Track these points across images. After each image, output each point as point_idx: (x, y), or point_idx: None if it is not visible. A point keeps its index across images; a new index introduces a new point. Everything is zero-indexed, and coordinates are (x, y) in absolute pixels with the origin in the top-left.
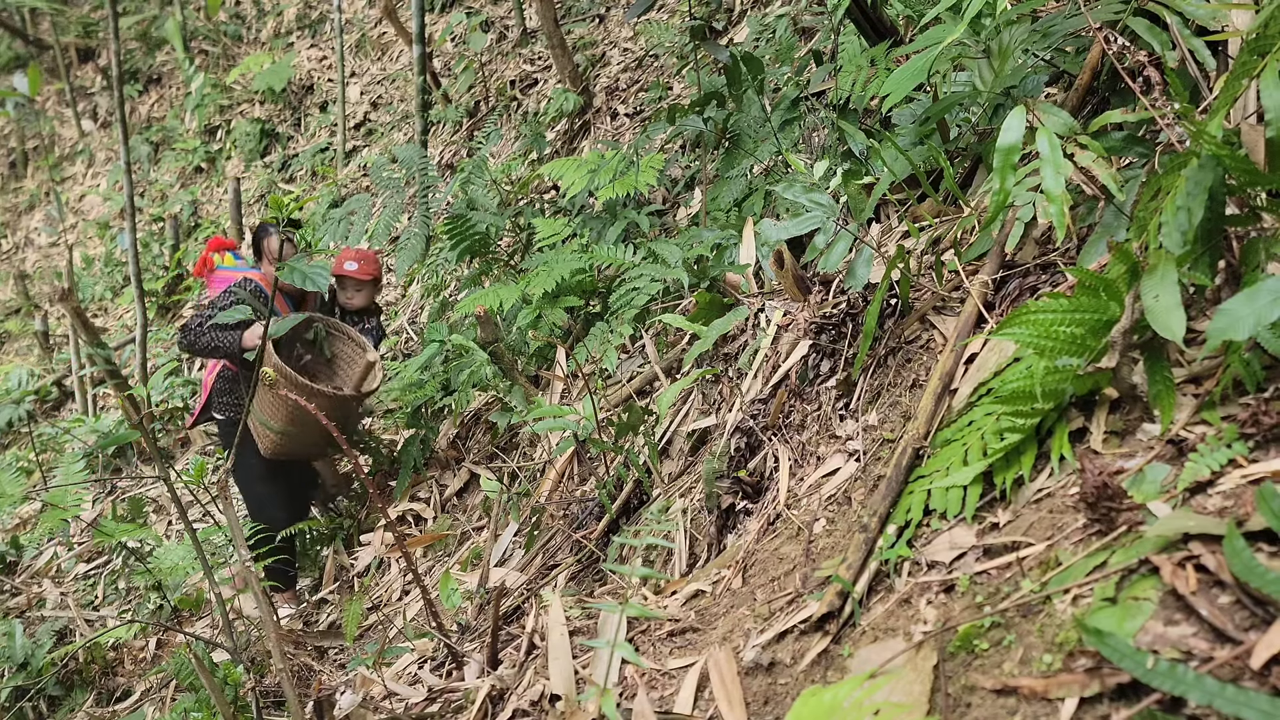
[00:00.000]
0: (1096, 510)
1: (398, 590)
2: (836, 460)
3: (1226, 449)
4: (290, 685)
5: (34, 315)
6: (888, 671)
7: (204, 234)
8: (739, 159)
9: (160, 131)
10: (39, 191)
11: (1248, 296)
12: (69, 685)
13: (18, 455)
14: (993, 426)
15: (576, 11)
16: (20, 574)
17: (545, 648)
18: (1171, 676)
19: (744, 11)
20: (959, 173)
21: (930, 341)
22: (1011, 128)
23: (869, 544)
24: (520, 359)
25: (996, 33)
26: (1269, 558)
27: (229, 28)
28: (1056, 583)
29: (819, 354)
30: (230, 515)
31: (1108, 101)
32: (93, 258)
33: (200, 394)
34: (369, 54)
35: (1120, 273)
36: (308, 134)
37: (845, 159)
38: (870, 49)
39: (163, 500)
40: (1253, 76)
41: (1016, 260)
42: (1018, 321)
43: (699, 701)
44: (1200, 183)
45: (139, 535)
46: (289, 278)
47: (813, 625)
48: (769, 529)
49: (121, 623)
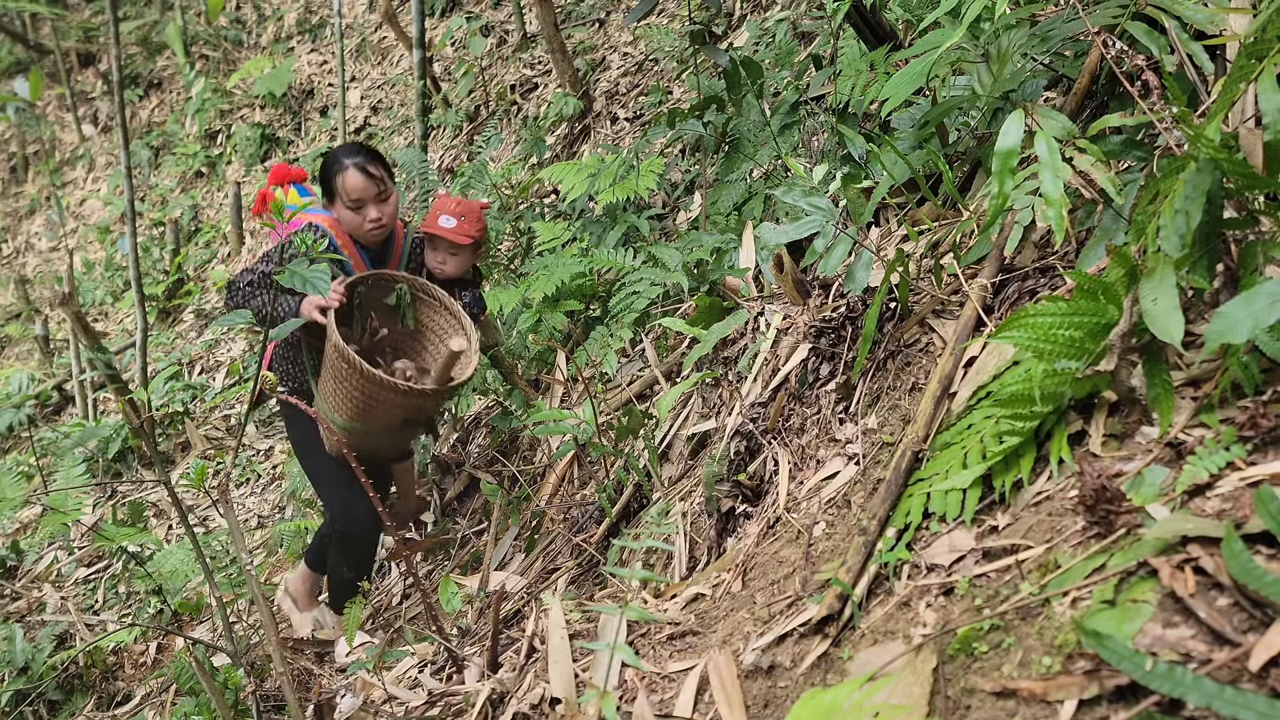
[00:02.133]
0: (1095, 513)
1: (398, 594)
2: (836, 463)
3: (1225, 452)
4: (290, 689)
5: (34, 320)
6: (887, 674)
7: (204, 238)
8: (739, 163)
9: (161, 136)
10: (39, 196)
11: (1245, 299)
12: (69, 690)
13: (18, 460)
14: (992, 429)
15: (576, 16)
16: (20, 578)
17: (545, 651)
18: (1170, 678)
19: (744, 16)
20: (958, 176)
21: (929, 345)
22: (1010, 131)
23: (868, 547)
24: (520, 363)
25: (995, 37)
26: (1267, 560)
27: (229, 32)
28: (1055, 585)
29: (818, 357)
30: (231, 519)
31: (1106, 105)
32: (93, 262)
33: (261, 365)
34: (369, 58)
35: (1119, 276)
36: (308, 138)
37: (844, 163)
38: (870, 53)
39: (163, 504)
40: (1250, 80)
41: (1015, 264)
42: (1017, 325)
43: (699, 704)
44: (1198, 186)
45: (139, 539)
46: (289, 281)
47: (812, 628)
48: (769, 532)
49: (122, 627)
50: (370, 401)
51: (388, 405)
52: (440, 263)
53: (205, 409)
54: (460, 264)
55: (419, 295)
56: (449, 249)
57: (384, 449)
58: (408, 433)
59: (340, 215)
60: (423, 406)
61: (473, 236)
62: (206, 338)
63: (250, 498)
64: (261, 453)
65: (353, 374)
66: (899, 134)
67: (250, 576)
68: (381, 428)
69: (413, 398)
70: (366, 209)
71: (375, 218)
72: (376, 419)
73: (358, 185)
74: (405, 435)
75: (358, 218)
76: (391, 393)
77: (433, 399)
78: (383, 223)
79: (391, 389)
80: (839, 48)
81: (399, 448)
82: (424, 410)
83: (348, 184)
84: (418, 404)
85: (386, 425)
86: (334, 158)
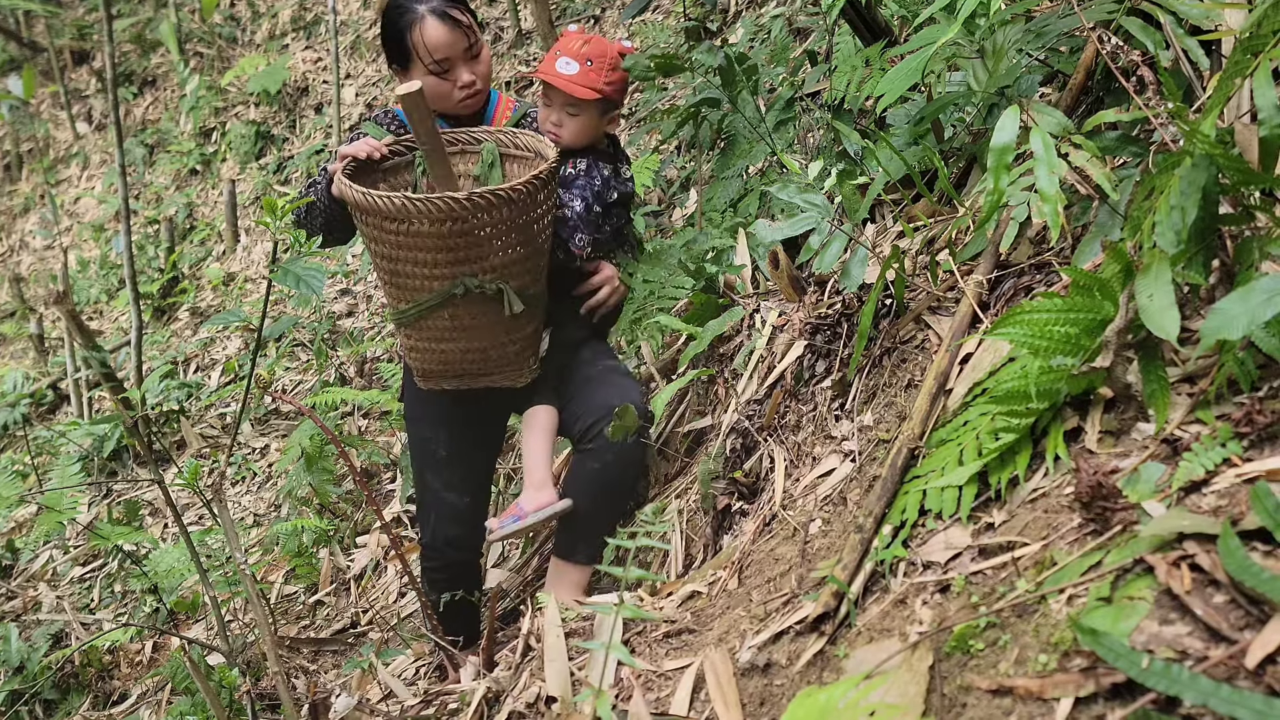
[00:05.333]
0: (1091, 510)
1: (394, 593)
2: (832, 461)
3: (1221, 448)
4: (285, 688)
5: (29, 318)
6: (883, 672)
7: (199, 236)
8: (734, 160)
9: (155, 134)
10: (34, 194)
11: (1241, 296)
12: (65, 689)
13: (13, 459)
14: (988, 426)
15: (572, 12)
16: (16, 577)
17: (541, 650)
18: (1166, 676)
19: (739, 12)
20: (954, 173)
21: (925, 342)
22: (1005, 128)
23: (864, 545)
24: None
25: (991, 33)
26: (1263, 557)
27: (224, 30)
28: (1052, 583)
29: (814, 354)
30: (225, 518)
31: (1102, 101)
32: (88, 260)
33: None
34: (364, 55)
35: (1115, 272)
36: (303, 136)
37: (840, 159)
38: (865, 49)
39: (159, 503)
40: (1246, 76)
41: (1011, 260)
42: (1012, 321)
43: (695, 703)
44: (1194, 182)
45: (135, 538)
46: (281, 280)
47: (808, 626)
48: (765, 530)
49: (117, 626)
50: (397, 253)
51: (421, 257)
52: (555, 124)
53: (200, 407)
54: (581, 129)
55: (509, 149)
56: (566, 104)
57: (479, 370)
58: (492, 330)
59: (427, 84)
60: (475, 253)
61: (600, 91)
62: (201, 336)
63: (246, 496)
64: (257, 451)
65: (365, 218)
66: (894, 130)
67: (245, 576)
68: (448, 322)
69: (445, 225)
70: (456, 70)
71: (468, 81)
72: (413, 285)
73: (441, 39)
74: (491, 335)
75: (445, 84)
76: (416, 219)
77: (488, 224)
78: (477, 87)
79: (413, 214)
80: (834, 44)
81: (498, 364)
82: (483, 262)
83: (427, 38)
84: (459, 241)
85: (447, 310)
86: (402, 8)
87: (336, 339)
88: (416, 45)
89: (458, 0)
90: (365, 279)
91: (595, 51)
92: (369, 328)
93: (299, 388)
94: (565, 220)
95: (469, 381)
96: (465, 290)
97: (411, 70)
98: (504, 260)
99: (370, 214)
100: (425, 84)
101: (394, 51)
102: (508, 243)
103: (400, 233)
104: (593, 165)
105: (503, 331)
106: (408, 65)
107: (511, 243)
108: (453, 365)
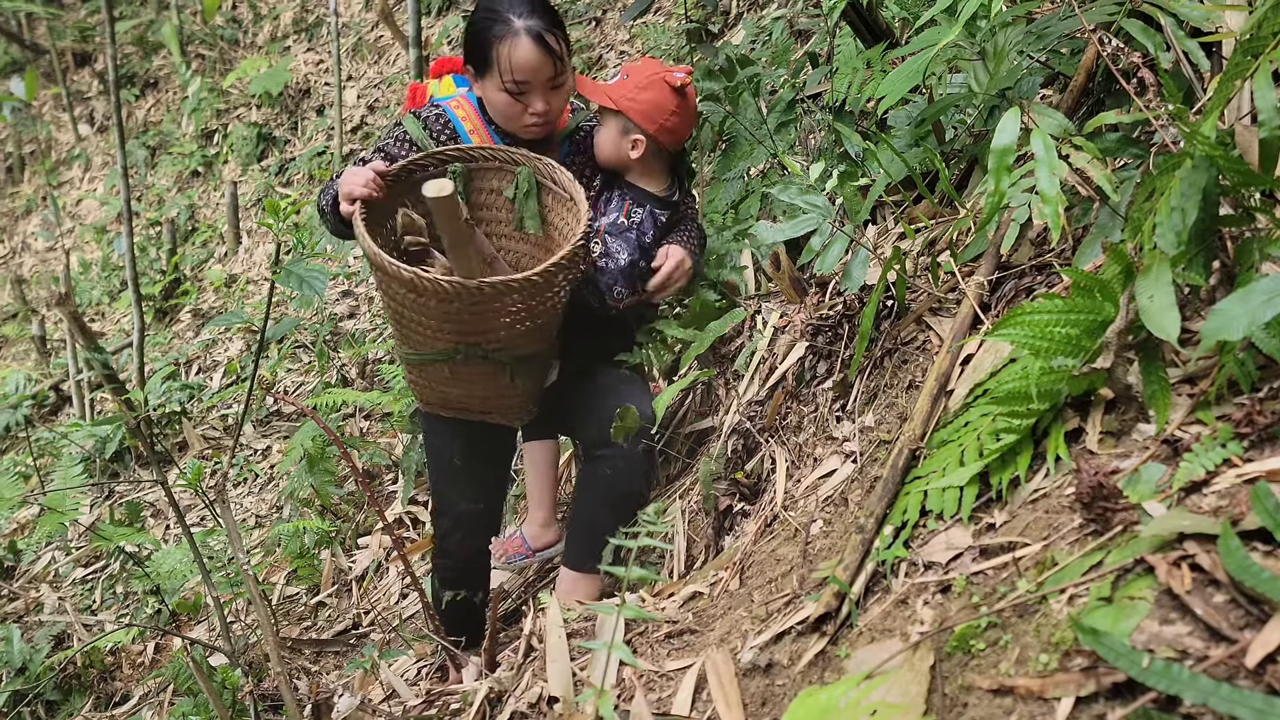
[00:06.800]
0: (1092, 510)
1: (396, 594)
2: (833, 462)
3: (1221, 449)
4: (288, 689)
5: (31, 320)
6: (884, 672)
7: (201, 238)
8: (735, 161)
9: (157, 136)
10: (36, 196)
11: (1241, 297)
12: (67, 690)
13: (15, 460)
14: (989, 427)
15: (573, 14)
16: (18, 578)
17: (543, 650)
18: (1167, 676)
19: (740, 14)
20: (955, 174)
21: (926, 343)
22: (1006, 129)
23: (865, 545)
24: None
25: (991, 35)
26: (1263, 557)
27: (226, 32)
28: (1052, 583)
29: (815, 356)
30: (227, 519)
31: (1102, 103)
32: (90, 262)
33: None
34: (365, 57)
35: (1115, 273)
36: (304, 138)
37: (841, 161)
38: (866, 51)
39: (161, 504)
40: (1246, 77)
41: (1012, 261)
42: (1013, 322)
43: (697, 703)
44: (1194, 184)
45: (137, 540)
46: (284, 281)
47: (810, 626)
48: (766, 530)
49: (120, 627)
50: (403, 310)
51: (425, 320)
52: (590, 130)
53: (202, 409)
54: (601, 141)
55: (546, 181)
56: (596, 111)
57: (479, 409)
58: (494, 383)
59: (488, 96)
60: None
61: (615, 102)
62: (204, 337)
63: (248, 497)
64: (259, 452)
65: (377, 271)
66: (895, 132)
67: (248, 577)
68: (448, 374)
69: (454, 305)
70: (533, 96)
71: (541, 110)
72: (416, 337)
73: (529, 61)
74: (492, 388)
75: (517, 106)
76: (425, 295)
77: (482, 309)
78: (549, 119)
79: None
80: (835, 45)
81: (498, 408)
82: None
83: (515, 57)
84: (466, 318)
85: (448, 366)
86: (496, 15)
87: (338, 340)
88: (500, 59)
89: (558, 23)
90: (367, 280)
91: (636, 68)
92: (371, 329)
93: (301, 389)
94: (607, 270)
95: (468, 415)
96: (466, 357)
97: (486, 81)
98: (511, 335)
99: (381, 271)
100: (492, 99)
101: (475, 55)
102: (516, 319)
103: (408, 298)
104: (648, 218)
105: (504, 386)
106: (484, 74)
107: (520, 319)
108: (451, 403)
